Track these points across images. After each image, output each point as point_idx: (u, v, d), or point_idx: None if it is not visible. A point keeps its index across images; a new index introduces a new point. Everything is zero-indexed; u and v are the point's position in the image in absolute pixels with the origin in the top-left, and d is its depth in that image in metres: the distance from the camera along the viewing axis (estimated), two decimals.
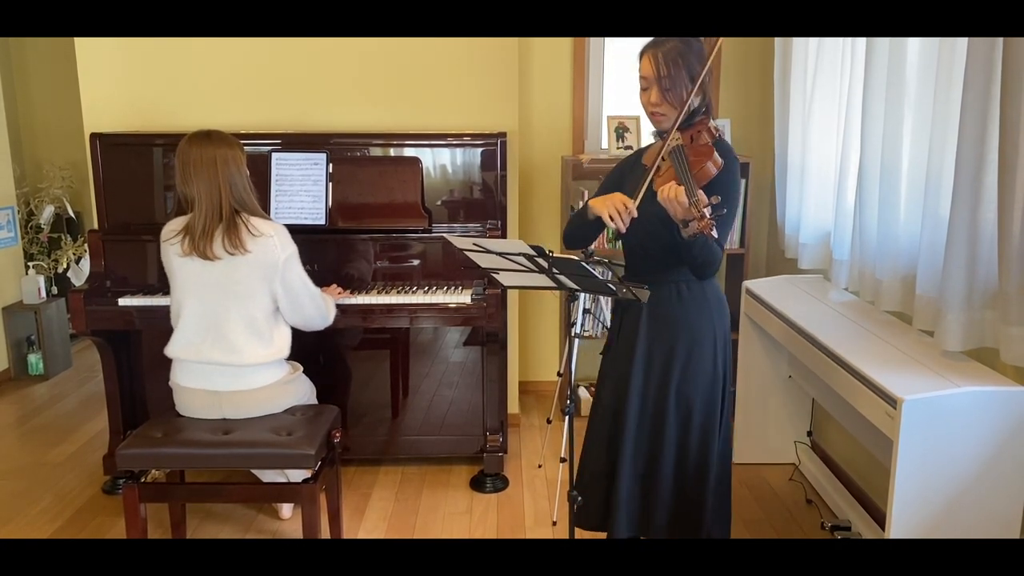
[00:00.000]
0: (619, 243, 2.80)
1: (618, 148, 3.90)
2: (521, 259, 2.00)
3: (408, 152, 3.31)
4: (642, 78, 2.13)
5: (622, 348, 2.26)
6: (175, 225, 2.55)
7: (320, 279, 3.09)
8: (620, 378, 2.24)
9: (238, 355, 2.51)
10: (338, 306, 2.98)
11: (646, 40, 2.15)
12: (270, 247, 2.51)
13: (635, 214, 2.03)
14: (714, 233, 1.87)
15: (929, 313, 2.32)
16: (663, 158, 2.07)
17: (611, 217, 2.03)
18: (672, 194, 1.90)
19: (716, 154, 2.03)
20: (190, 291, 2.52)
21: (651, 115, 2.16)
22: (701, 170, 2.00)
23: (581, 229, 2.28)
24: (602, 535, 2.31)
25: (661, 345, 2.18)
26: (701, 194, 1.87)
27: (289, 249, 2.57)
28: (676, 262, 2.13)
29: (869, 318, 2.64)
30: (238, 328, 2.51)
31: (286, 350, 2.62)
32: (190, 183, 2.49)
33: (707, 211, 1.83)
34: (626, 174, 2.28)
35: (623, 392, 2.22)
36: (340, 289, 3.03)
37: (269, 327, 2.57)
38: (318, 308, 2.71)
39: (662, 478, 2.21)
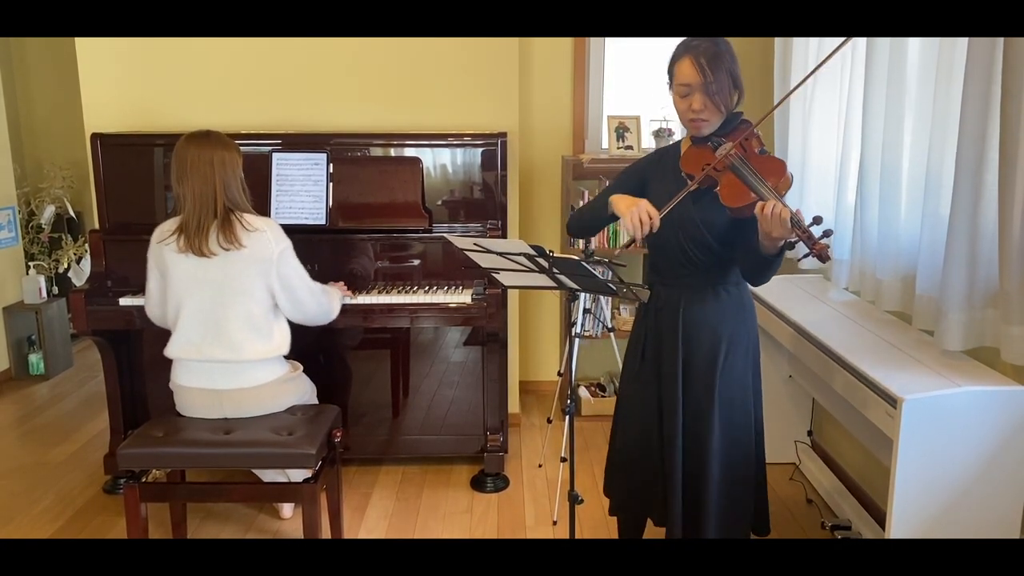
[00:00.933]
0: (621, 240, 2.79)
1: (618, 148, 3.90)
2: (522, 259, 2.01)
3: (408, 152, 3.31)
4: (682, 85, 2.03)
5: (655, 351, 2.23)
6: (168, 226, 2.56)
7: (321, 279, 3.08)
8: (665, 379, 2.21)
9: (238, 351, 2.52)
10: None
11: (670, 40, 2.10)
12: (264, 241, 2.52)
13: (656, 228, 1.98)
14: (830, 255, 1.83)
15: (929, 312, 2.32)
16: (716, 168, 1.99)
17: (633, 225, 1.97)
18: (777, 212, 1.84)
19: (788, 171, 1.97)
20: (187, 290, 2.52)
21: (691, 122, 2.07)
22: (782, 182, 1.94)
23: (594, 222, 2.26)
24: (604, 535, 2.32)
25: (700, 347, 2.16)
26: (799, 212, 1.83)
27: (283, 243, 2.57)
28: (720, 268, 2.14)
29: (869, 318, 2.64)
30: (237, 324, 2.52)
31: (285, 346, 2.63)
32: (185, 181, 2.50)
33: (813, 230, 1.80)
34: (653, 176, 2.22)
35: (669, 394, 2.20)
36: (346, 289, 3.03)
37: (268, 323, 2.58)
38: (318, 303, 2.71)
39: (709, 480, 2.19)
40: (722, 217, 2.06)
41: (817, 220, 1.84)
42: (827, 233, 1.83)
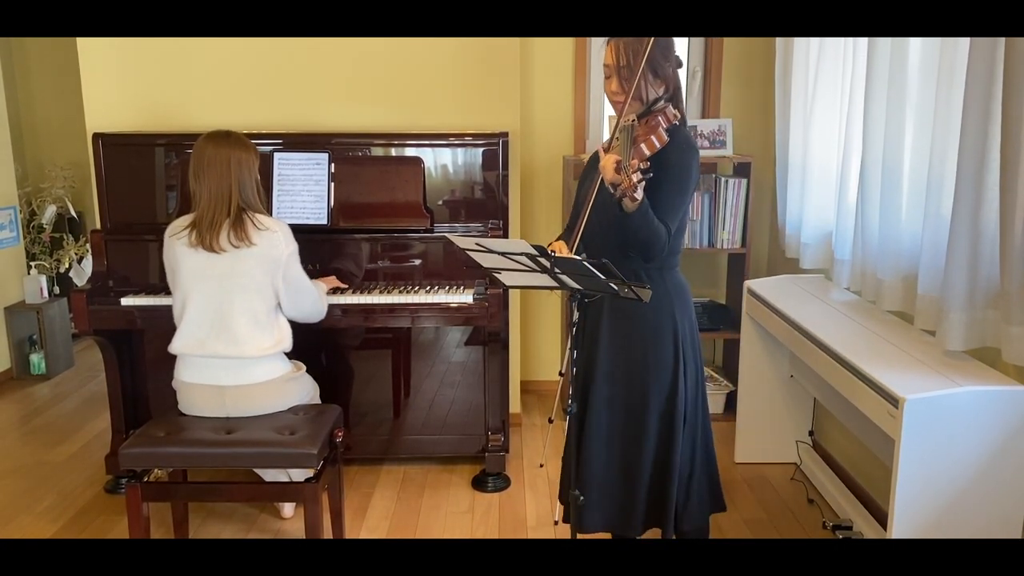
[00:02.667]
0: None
1: None
2: (523, 259, 2.00)
3: (410, 152, 3.31)
4: (604, 66, 2.19)
5: (587, 345, 2.28)
6: (182, 221, 2.59)
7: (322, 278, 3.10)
8: (587, 374, 2.26)
9: (241, 347, 2.53)
10: (340, 305, 2.99)
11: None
12: (275, 241, 2.55)
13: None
14: (637, 195, 1.92)
15: (931, 312, 2.32)
16: (616, 138, 2.09)
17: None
18: (605, 160, 1.96)
19: (661, 129, 2.05)
20: (195, 285, 2.53)
21: (612, 103, 2.21)
22: (646, 142, 2.03)
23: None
24: (596, 535, 2.32)
25: (622, 339, 2.22)
26: (634, 162, 1.91)
27: (292, 246, 2.60)
28: (629, 250, 2.17)
29: (871, 318, 2.64)
30: (242, 320, 2.53)
31: (287, 342, 2.64)
32: (202, 178, 2.53)
33: (635, 175, 1.88)
34: (588, 171, 2.34)
35: (589, 389, 2.25)
36: (337, 281, 3.04)
37: (271, 320, 2.60)
38: (314, 303, 2.76)
39: (633, 475, 2.23)
40: None
41: (643, 164, 1.91)
42: (644, 177, 1.90)
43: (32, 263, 4.78)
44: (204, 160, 2.54)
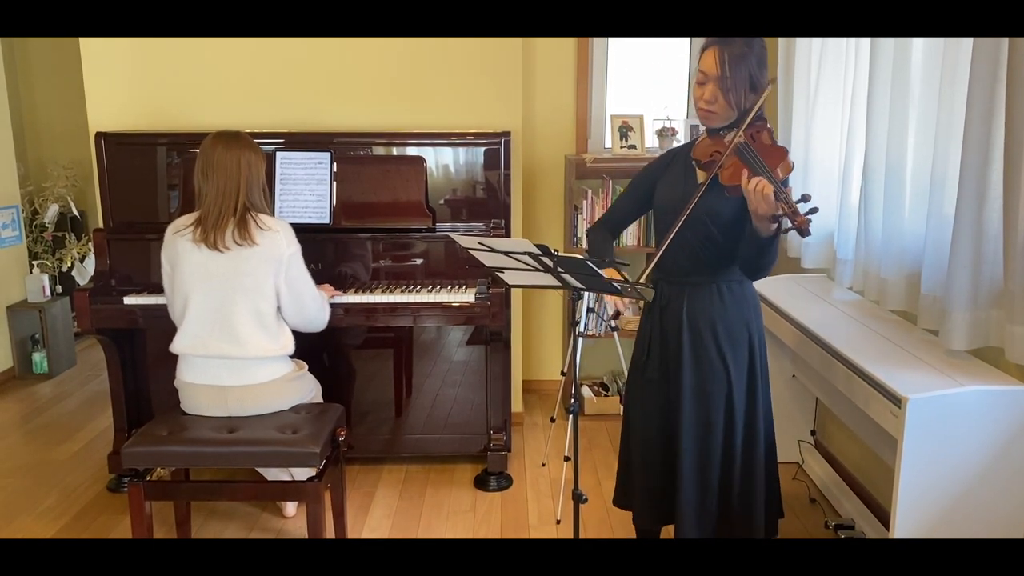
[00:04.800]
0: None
1: (621, 147, 3.90)
2: (526, 258, 2.01)
3: (412, 151, 3.31)
4: (701, 72, 2.08)
5: (661, 349, 2.24)
6: (186, 219, 2.59)
7: (324, 277, 3.10)
8: (662, 380, 2.23)
9: (244, 347, 2.53)
10: (342, 305, 2.99)
11: (705, 39, 2.12)
12: (277, 241, 2.55)
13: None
14: (810, 229, 1.84)
15: (934, 312, 2.32)
16: (719, 151, 2.03)
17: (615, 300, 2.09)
18: (760, 187, 1.87)
19: (789, 157, 2.00)
20: (196, 283, 2.53)
21: (701, 111, 2.12)
22: (782, 167, 1.97)
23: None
24: (607, 534, 2.31)
25: (704, 345, 2.17)
26: (788, 190, 1.86)
27: (294, 246, 2.60)
28: (723, 265, 2.15)
29: (873, 317, 2.64)
30: (245, 320, 2.53)
31: (291, 346, 2.64)
32: (209, 177, 2.54)
33: (799, 206, 1.82)
34: (662, 175, 2.26)
35: (669, 392, 2.22)
36: (333, 290, 3.04)
37: (276, 322, 2.60)
38: (318, 310, 2.74)
39: (713, 480, 2.21)
40: (727, 208, 2.08)
41: (805, 198, 1.86)
42: (813, 210, 1.84)
43: (34, 262, 4.78)
44: (214, 159, 2.54)
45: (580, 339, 2.67)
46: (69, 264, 4.92)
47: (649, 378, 2.27)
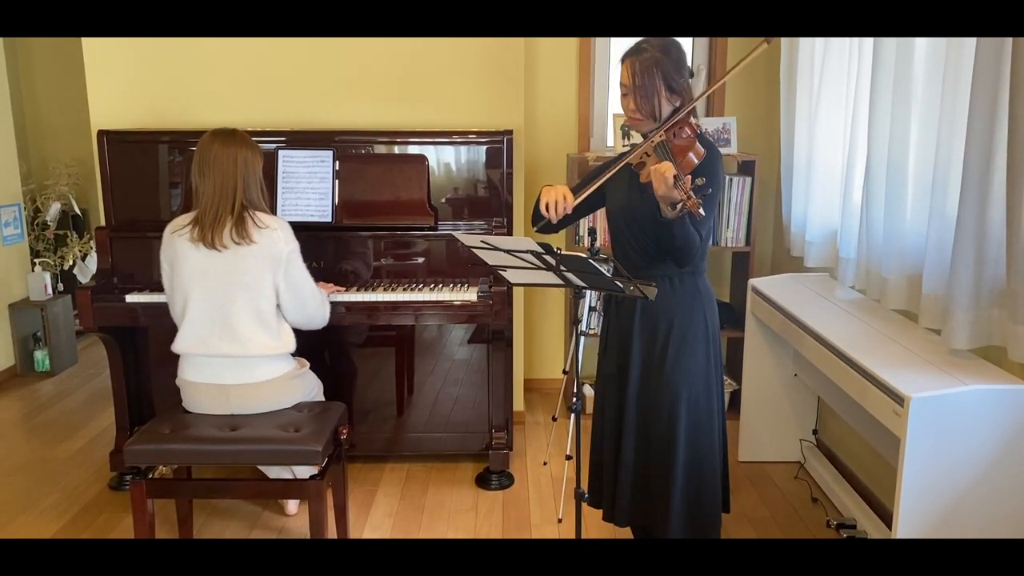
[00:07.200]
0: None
1: (624, 146, 3.89)
2: (529, 256, 2.01)
3: (414, 149, 3.31)
4: (621, 84, 2.20)
5: (617, 344, 2.31)
6: (184, 218, 2.58)
7: (326, 276, 3.10)
8: (619, 374, 2.29)
9: (245, 346, 2.53)
10: (344, 303, 2.99)
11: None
12: (275, 239, 2.54)
13: (570, 210, 2.16)
14: (701, 211, 1.91)
15: (936, 311, 2.32)
16: (647, 153, 2.14)
17: (547, 206, 2.15)
18: (661, 168, 1.95)
19: (698, 144, 2.11)
20: (196, 283, 2.53)
21: (628, 119, 2.24)
22: (685, 160, 2.09)
23: (536, 213, 2.32)
24: (609, 534, 2.32)
25: (655, 339, 2.23)
26: (687, 177, 1.93)
27: (292, 244, 2.59)
28: (666, 255, 2.19)
29: (875, 316, 2.64)
30: (245, 319, 2.53)
31: (292, 344, 2.64)
32: (206, 175, 2.53)
33: (692, 192, 1.90)
34: (610, 180, 2.30)
35: (623, 387, 2.28)
36: (334, 286, 3.04)
37: (277, 320, 2.60)
38: (318, 306, 2.73)
39: (658, 471, 2.24)
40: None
41: (699, 181, 1.92)
42: (702, 194, 1.91)
43: (36, 260, 4.79)
44: (210, 157, 2.53)
45: (582, 337, 2.68)
46: (71, 262, 4.92)
47: (608, 373, 2.34)
